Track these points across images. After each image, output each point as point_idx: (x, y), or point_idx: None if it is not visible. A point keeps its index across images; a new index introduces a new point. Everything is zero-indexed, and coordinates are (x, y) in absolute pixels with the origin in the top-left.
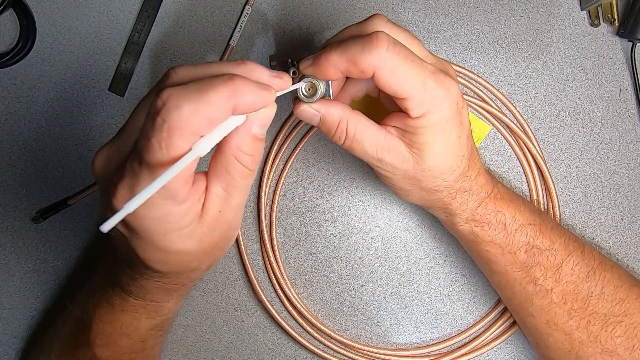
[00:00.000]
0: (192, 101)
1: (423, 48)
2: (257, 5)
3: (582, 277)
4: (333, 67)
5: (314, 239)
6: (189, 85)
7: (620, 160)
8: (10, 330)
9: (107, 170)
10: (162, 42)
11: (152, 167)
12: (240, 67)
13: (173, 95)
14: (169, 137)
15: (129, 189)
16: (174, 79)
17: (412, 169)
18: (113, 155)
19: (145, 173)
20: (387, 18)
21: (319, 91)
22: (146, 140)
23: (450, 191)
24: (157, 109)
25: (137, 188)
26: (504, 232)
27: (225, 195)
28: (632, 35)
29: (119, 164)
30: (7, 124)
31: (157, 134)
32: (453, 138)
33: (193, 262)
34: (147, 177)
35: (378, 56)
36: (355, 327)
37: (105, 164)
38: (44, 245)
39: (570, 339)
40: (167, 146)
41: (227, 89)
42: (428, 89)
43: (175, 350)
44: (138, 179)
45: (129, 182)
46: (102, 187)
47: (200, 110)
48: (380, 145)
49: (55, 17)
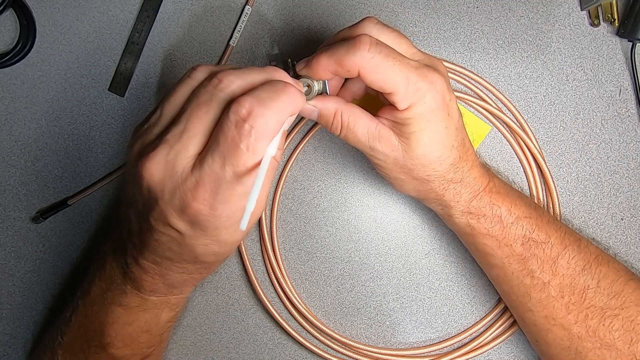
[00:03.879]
0: (271, 109)
1: (411, 46)
2: (257, 5)
3: (579, 271)
4: (323, 68)
5: (314, 239)
6: (259, 94)
7: (620, 160)
8: (10, 330)
9: (172, 174)
10: (162, 42)
11: (238, 169)
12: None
13: (255, 104)
14: (255, 142)
15: (211, 190)
16: (232, 86)
17: (401, 157)
18: (175, 160)
19: (229, 175)
20: (377, 20)
21: (314, 90)
22: (233, 145)
23: (442, 181)
24: (243, 116)
25: (221, 189)
26: (500, 225)
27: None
28: (632, 35)
29: (185, 168)
30: (7, 124)
31: (245, 139)
32: (440, 128)
33: (231, 251)
34: (232, 179)
35: (361, 56)
36: (355, 327)
37: (165, 169)
38: (44, 245)
39: (569, 334)
40: (253, 150)
41: (289, 96)
42: (411, 82)
43: (175, 350)
44: (222, 181)
45: (211, 185)
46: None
47: (277, 116)
48: (372, 133)
49: (55, 17)
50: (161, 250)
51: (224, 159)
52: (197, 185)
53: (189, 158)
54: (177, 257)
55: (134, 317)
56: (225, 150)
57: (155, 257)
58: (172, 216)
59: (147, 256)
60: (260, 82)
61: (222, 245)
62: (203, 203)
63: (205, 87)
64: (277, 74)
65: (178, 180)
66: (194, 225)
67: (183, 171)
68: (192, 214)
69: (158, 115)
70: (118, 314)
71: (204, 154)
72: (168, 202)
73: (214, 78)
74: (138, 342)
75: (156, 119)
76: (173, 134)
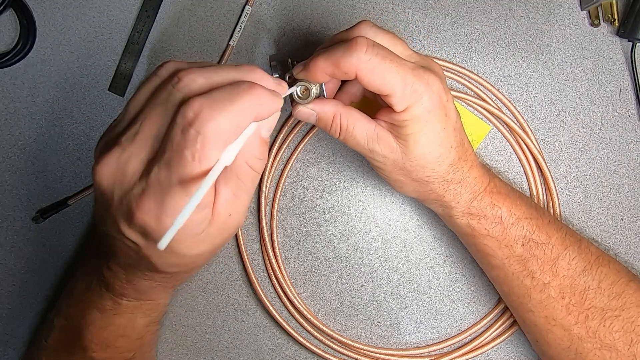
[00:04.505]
0: (224, 112)
1: (407, 48)
2: (257, 5)
3: (579, 272)
4: (320, 71)
5: (314, 239)
6: (214, 95)
7: (620, 160)
8: (10, 330)
9: (122, 180)
10: (162, 42)
11: (183, 178)
12: (251, 73)
13: (205, 106)
14: (202, 149)
15: (156, 201)
16: (192, 86)
17: (400, 159)
18: (125, 164)
19: (175, 185)
20: (372, 23)
21: (312, 93)
22: (177, 152)
23: (441, 182)
24: (189, 120)
25: (166, 200)
26: (500, 226)
27: (234, 199)
28: (632, 35)
29: (135, 174)
30: (7, 124)
31: (191, 146)
32: (437, 129)
33: (201, 262)
34: (178, 189)
35: (357, 58)
36: (355, 327)
37: (115, 173)
38: (44, 245)
39: (569, 335)
40: (200, 158)
41: (252, 98)
42: (408, 84)
43: (175, 350)
44: (167, 192)
45: (156, 195)
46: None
47: (232, 120)
48: (371, 136)
49: (55, 17)
50: (121, 257)
51: (169, 167)
52: (142, 194)
53: (140, 163)
54: (137, 265)
55: (108, 321)
56: (170, 157)
57: (119, 261)
58: (122, 224)
59: (114, 259)
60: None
61: (180, 258)
62: (148, 214)
63: (164, 87)
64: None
65: (126, 186)
66: (144, 236)
67: (132, 177)
68: (138, 224)
69: (122, 113)
70: (95, 317)
71: (153, 160)
72: (117, 209)
73: (175, 76)
74: (115, 346)
75: (120, 118)
76: (127, 136)
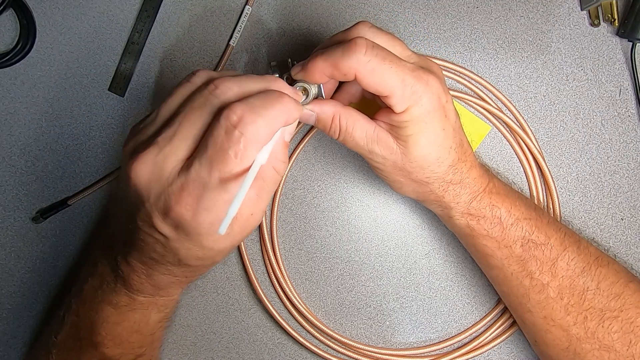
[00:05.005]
0: (262, 117)
1: (406, 48)
2: (257, 5)
3: (578, 272)
4: (319, 72)
5: (314, 239)
6: (251, 101)
7: (620, 160)
8: (10, 330)
9: (159, 177)
10: (162, 42)
11: (223, 175)
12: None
13: (246, 111)
14: (244, 149)
15: (195, 195)
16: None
17: (400, 160)
18: (163, 162)
19: (215, 181)
20: (370, 24)
21: (311, 93)
22: (221, 150)
23: (441, 183)
24: (234, 122)
25: (205, 195)
26: (499, 226)
27: (257, 199)
28: (632, 35)
29: (172, 171)
30: (7, 124)
31: (234, 146)
32: (437, 130)
33: (220, 257)
34: (217, 185)
35: (357, 59)
36: (355, 327)
37: (152, 171)
38: (44, 245)
39: (567, 335)
40: (241, 157)
41: (283, 105)
42: (407, 85)
43: (175, 350)
44: (207, 187)
45: (196, 190)
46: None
47: (268, 125)
48: (370, 136)
49: (55, 17)
50: (146, 250)
51: (211, 164)
52: (181, 189)
53: (177, 161)
54: (162, 259)
55: (123, 317)
56: (213, 155)
57: (141, 256)
58: (157, 218)
59: (135, 255)
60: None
61: (206, 251)
62: (186, 208)
63: (200, 92)
64: (276, 83)
65: (164, 183)
66: (177, 229)
67: (170, 174)
68: (174, 217)
69: (154, 116)
70: (108, 313)
71: (192, 158)
72: (153, 204)
73: (211, 84)
74: (129, 341)
75: (152, 120)
76: (164, 136)
